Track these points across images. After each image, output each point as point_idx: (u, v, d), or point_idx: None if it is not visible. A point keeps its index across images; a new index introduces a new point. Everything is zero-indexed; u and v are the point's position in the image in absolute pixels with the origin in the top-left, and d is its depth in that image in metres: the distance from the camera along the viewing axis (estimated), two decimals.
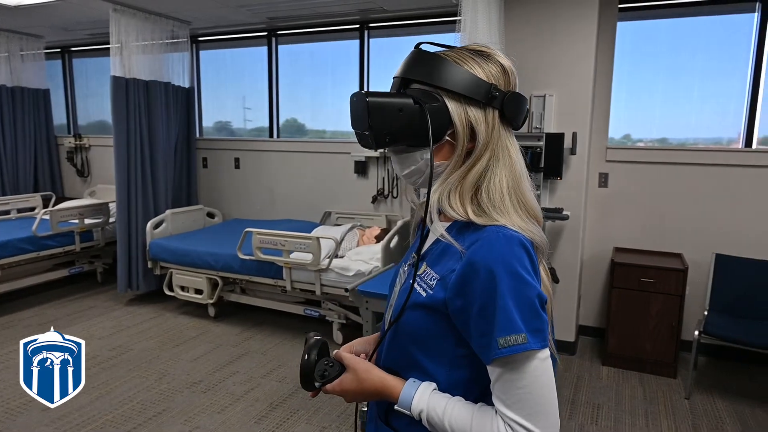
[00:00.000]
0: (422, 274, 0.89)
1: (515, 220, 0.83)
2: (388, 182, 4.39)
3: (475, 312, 0.79)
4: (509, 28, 3.36)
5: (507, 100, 0.85)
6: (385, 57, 4.67)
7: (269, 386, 3.10)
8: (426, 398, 0.84)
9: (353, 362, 0.91)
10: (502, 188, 0.84)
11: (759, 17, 3.47)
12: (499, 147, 0.86)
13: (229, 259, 3.86)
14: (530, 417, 0.76)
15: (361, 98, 0.84)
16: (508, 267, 0.77)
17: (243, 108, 5.46)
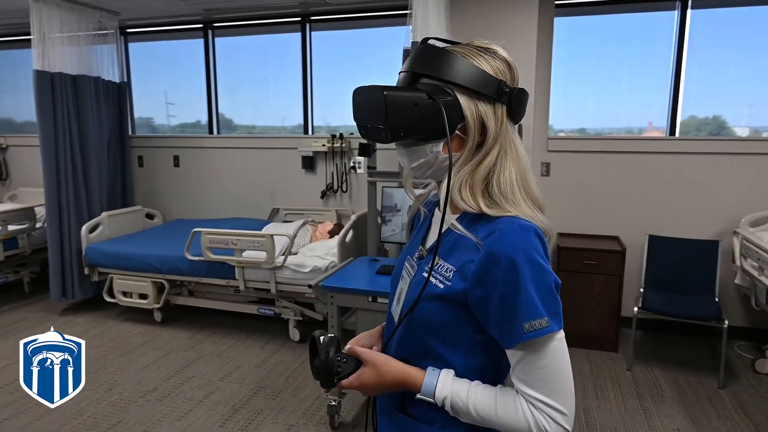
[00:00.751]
0: (436, 266, 0.91)
1: (525, 210, 0.86)
2: (337, 177, 4.37)
3: (496, 300, 0.82)
4: (455, 22, 3.44)
5: (515, 96, 0.89)
6: (328, 51, 4.63)
7: (229, 389, 3.03)
8: (449, 385, 0.87)
9: (371, 356, 0.93)
10: (512, 181, 0.88)
11: (679, 14, 3.76)
12: (507, 141, 0.89)
13: (176, 261, 3.71)
14: (551, 394, 0.81)
15: (378, 92, 0.84)
16: (528, 256, 0.81)
17: (166, 103, 5.25)
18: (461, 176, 0.88)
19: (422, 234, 1.04)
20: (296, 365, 3.32)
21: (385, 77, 4.51)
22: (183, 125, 5.20)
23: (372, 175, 2.99)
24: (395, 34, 4.41)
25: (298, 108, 4.69)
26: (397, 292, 1.04)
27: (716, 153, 3.61)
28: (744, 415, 2.76)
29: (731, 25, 3.77)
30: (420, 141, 0.89)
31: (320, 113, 4.69)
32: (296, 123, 4.82)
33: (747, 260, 3.12)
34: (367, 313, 2.50)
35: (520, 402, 0.83)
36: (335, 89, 4.67)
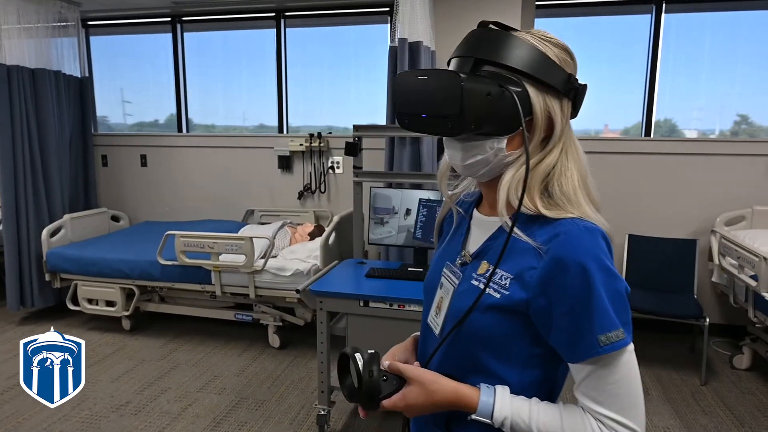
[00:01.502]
0: (486, 273, 0.84)
1: (587, 211, 0.80)
2: (315, 177, 4.25)
3: (563, 310, 0.75)
4: (438, 19, 3.38)
5: (580, 91, 0.82)
6: (304, 48, 4.51)
7: (208, 400, 2.88)
8: (508, 403, 0.79)
9: (417, 373, 0.84)
10: (574, 182, 0.81)
11: (653, 18, 3.82)
12: (569, 140, 0.83)
13: (147, 266, 3.52)
14: (623, 411, 0.75)
15: (453, 78, 0.75)
16: (599, 262, 0.74)
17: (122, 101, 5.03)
18: (519, 176, 0.80)
19: (461, 238, 0.95)
20: (278, 372, 3.20)
21: (365, 76, 4.44)
22: (140, 124, 4.99)
23: (358, 176, 2.90)
24: (375, 32, 4.33)
25: (271, 107, 4.54)
26: (435, 301, 0.95)
27: (690, 154, 3.69)
28: (728, 410, 2.81)
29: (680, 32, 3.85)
30: (480, 136, 0.80)
31: (296, 112, 4.56)
32: (257, 123, 4.69)
33: (726, 258, 3.18)
34: (358, 318, 2.41)
35: (588, 420, 0.76)
36: (312, 88, 4.55)
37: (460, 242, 0.95)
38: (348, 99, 4.55)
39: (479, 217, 0.92)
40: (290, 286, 3.30)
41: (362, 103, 4.54)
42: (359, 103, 4.54)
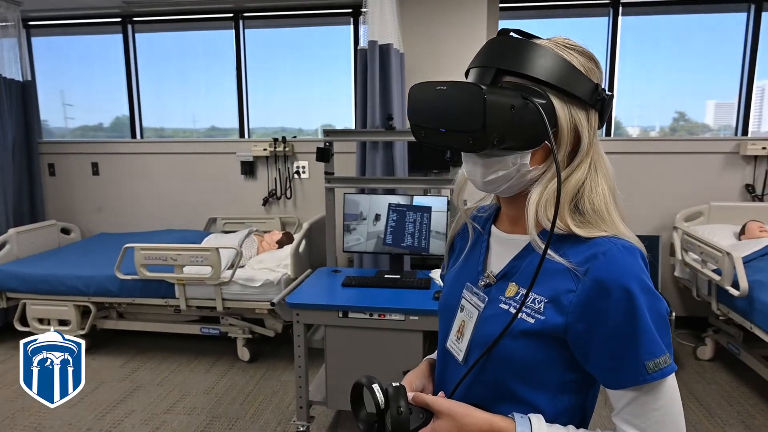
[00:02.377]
0: (516, 296, 0.79)
1: (622, 229, 0.77)
2: (281, 183, 4.13)
3: (605, 334, 0.71)
4: (405, 20, 3.34)
5: (607, 102, 0.78)
6: (264, 49, 4.38)
7: (178, 421, 2.73)
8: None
9: (447, 406, 0.78)
10: (605, 197, 0.77)
11: (611, 21, 3.91)
12: (597, 154, 0.79)
13: (104, 281, 3.32)
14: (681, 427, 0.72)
15: (475, 91, 0.70)
16: (641, 283, 0.71)
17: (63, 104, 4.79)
18: (548, 193, 0.76)
19: (480, 257, 0.90)
20: (250, 387, 3.07)
21: (328, 78, 4.35)
22: (83, 128, 4.74)
23: (330, 182, 2.82)
24: (337, 34, 4.25)
25: (230, 110, 4.40)
26: (456, 325, 0.89)
27: (650, 153, 3.80)
28: (696, 401, 2.89)
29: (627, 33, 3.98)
30: (503, 150, 0.75)
31: (257, 115, 4.43)
32: (209, 125, 4.55)
33: (688, 254, 3.28)
34: (337, 329, 2.33)
35: None
36: (273, 91, 4.43)
37: (479, 261, 0.89)
38: (310, 102, 4.46)
39: (500, 234, 0.87)
40: (260, 297, 3.18)
41: (326, 106, 4.46)
42: (323, 105, 4.46)
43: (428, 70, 3.49)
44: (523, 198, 0.79)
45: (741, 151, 3.71)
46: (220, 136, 4.53)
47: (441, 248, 2.61)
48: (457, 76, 3.28)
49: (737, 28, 3.85)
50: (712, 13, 3.93)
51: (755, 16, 3.77)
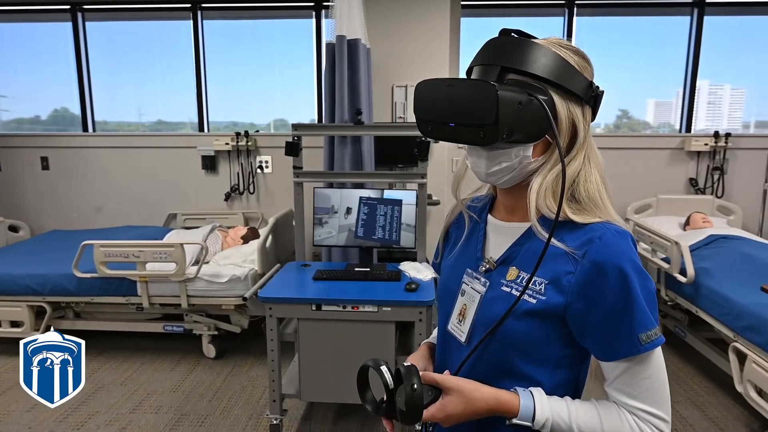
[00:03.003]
0: (517, 279, 0.85)
1: (613, 215, 0.83)
2: (243, 177, 4.08)
3: (602, 311, 0.78)
4: (370, 18, 3.36)
5: (599, 98, 0.85)
6: (223, 42, 4.31)
7: (145, 420, 2.67)
8: (548, 405, 0.81)
9: (456, 383, 0.83)
10: (599, 186, 0.84)
11: (566, 21, 4.07)
12: (590, 146, 0.86)
13: (60, 280, 3.19)
14: (654, 403, 0.79)
15: (487, 88, 0.74)
16: (634, 264, 0.78)
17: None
18: (547, 182, 0.82)
19: (478, 244, 0.95)
20: (218, 384, 3.04)
21: (293, 72, 4.33)
22: (18, 121, 4.55)
23: (299, 176, 2.82)
24: (301, 27, 4.23)
25: (189, 103, 4.31)
26: (458, 309, 0.94)
27: (603, 148, 3.96)
28: None
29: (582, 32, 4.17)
30: (507, 144, 0.81)
31: (216, 108, 4.35)
32: (155, 119, 4.45)
33: (639, 243, 3.47)
34: (311, 322, 2.35)
35: (624, 415, 0.80)
36: (232, 83, 4.37)
37: (478, 248, 0.95)
38: (263, 96, 4.42)
39: (496, 222, 0.93)
40: (227, 293, 3.14)
41: (280, 100, 4.44)
42: (277, 99, 4.44)
43: (393, 65, 3.54)
44: (521, 188, 0.85)
45: (685, 147, 3.95)
46: (168, 130, 4.43)
47: (411, 241, 2.66)
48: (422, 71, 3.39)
49: (680, 31, 4.09)
50: (658, 16, 4.15)
51: (698, 20, 4.01)
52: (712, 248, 3.16)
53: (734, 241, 3.18)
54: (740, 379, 2.44)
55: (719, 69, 4.17)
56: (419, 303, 2.28)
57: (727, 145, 3.90)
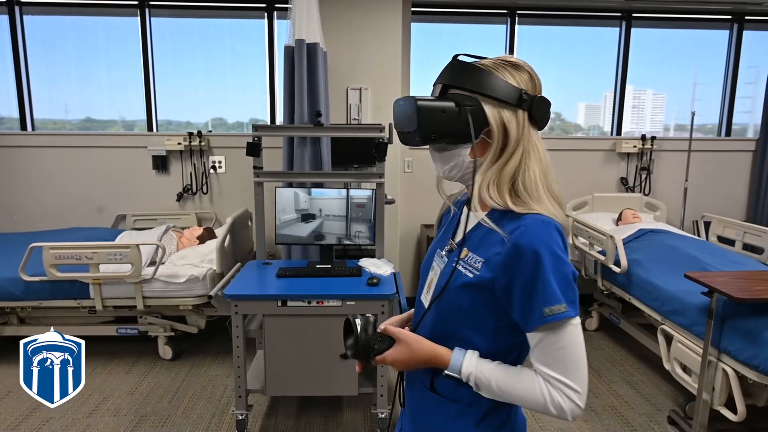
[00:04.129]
0: (465, 258, 1.00)
1: (548, 207, 0.95)
2: (196, 177, 4.05)
3: (519, 287, 0.92)
4: (325, 22, 3.44)
5: (535, 103, 0.98)
6: (171, 39, 4.25)
7: (103, 424, 2.64)
8: (474, 363, 0.96)
9: (404, 335, 1.01)
10: (536, 179, 0.96)
11: (508, 29, 4.31)
12: (529, 144, 0.97)
13: (5, 284, 3.08)
14: (566, 373, 0.89)
15: (411, 102, 0.95)
16: (549, 248, 0.90)
17: None
18: (488, 176, 0.97)
19: (452, 230, 1.12)
20: (177, 385, 3.04)
21: (243, 72, 4.33)
22: None
23: (259, 176, 2.87)
24: (257, 28, 4.24)
25: (136, 101, 4.22)
26: (428, 281, 1.11)
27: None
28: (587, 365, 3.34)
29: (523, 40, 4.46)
30: (450, 146, 0.98)
31: (163, 107, 4.29)
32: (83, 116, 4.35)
33: (578, 238, 3.75)
34: (276, 318, 2.41)
35: (538, 380, 0.92)
36: (180, 82, 4.32)
37: (450, 233, 1.11)
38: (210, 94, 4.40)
39: (467, 213, 1.08)
40: (184, 293, 3.14)
41: (238, 99, 4.44)
42: (236, 98, 4.43)
43: (347, 68, 3.63)
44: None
45: (617, 149, 4.29)
46: (98, 129, 4.33)
47: (369, 238, 2.77)
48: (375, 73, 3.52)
49: (609, 40, 4.43)
50: (591, 26, 4.48)
51: (626, 31, 4.36)
52: (641, 241, 3.46)
53: (660, 235, 3.50)
54: (668, 358, 2.71)
55: (642, 75, 4.54)
56: (381, 296, 2.40)
57: (652, 147, 4.26)
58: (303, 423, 2.69)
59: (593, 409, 2.82)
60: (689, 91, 4.66)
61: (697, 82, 4.64)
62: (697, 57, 4.59)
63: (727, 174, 4.45)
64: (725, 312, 2.30)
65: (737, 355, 2.25)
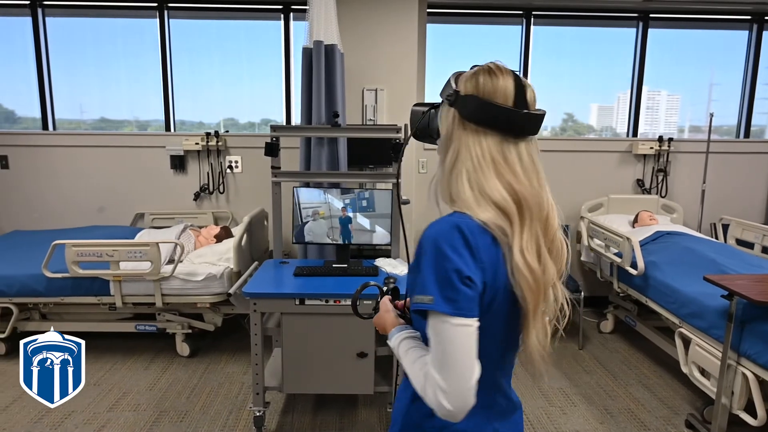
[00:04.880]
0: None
1: (472, 207, 0.93)
2: (213, 177, 4.10)
3: (410, 275, 1.00)
4: (342, 23, 3.47)
5: (459, 100, 0.97)
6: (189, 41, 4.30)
7: (124, 419, 2.69)
8: (398, 339, 1.03)
9: (383, 305, 1.16)
10: (462, 181, 0.95)
11: (524, 29, 4.30)
12: (461, 143, 0.96)
13: (28, 281, 3.14)
14: (438, 367, 0.87)
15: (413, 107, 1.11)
16: (435, 243, 0.90)
17: None
18: (437, 175, 1.03)
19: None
20: (194, 381, 3.08)
21: (258, 73, 4.37)
22: None
23: (277, 176, 2.90)
24: (270, 29, 4.28)
25: (152, 102, 4.28)
26: None
27: (559, 151, 4.24)
28: (602, 368, 3.33)
29: (538, 40, 4.45)
30: (434, 144, 1.08)
31: (181, 108, 4.34)
32: (99, 116, 4.41)
33: (594, 240, 3.74)
34: (294, 316, 2.44)
35: (426, 366, 0.91)
36: (197, 83, 4.37)
37: None
38: (234, 95, 4.45)
39: None
40: (202, 291, 3.18)
41: (251, 100, 4.48)
42: (249, 99, 4.48)
43: (363, 69, 3.66)
44: None
45: (633, 150, 4.26)
46: (112, 129, 4.39)
47: (386, 238, 2.79)
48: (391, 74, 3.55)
49: (626, 41, 4.40)
50: (607, 27, 4.45)
51: (643, 31, 4.33)
52: (658, 243, 3.45)
53: (678, 237, 3.48)
54: (685, 361, 2.70)
55: (657, 76, 4.51)
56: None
57: (669, 148, 4.23)
58: (319, 421, 2.71)
59: (609, 412, 2.81)
60: (704, 92, 4.62)
61: (713, 82, 4.60)
62: (712, 57, 4.55)
63: (745, 176, 4.40)
64: (745, 315, 2.29)
65: (757, 359, 2.23)
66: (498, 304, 0.93)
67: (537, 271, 0.93)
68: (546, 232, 0.97)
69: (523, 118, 0.95)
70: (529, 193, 0.95)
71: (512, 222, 0.93)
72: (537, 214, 0.96)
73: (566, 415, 2.78)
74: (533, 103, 0.98)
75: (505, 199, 0.94)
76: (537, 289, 0.93)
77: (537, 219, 0.96)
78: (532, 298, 0.93)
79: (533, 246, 0.94)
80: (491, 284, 0.92)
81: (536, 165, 0.99)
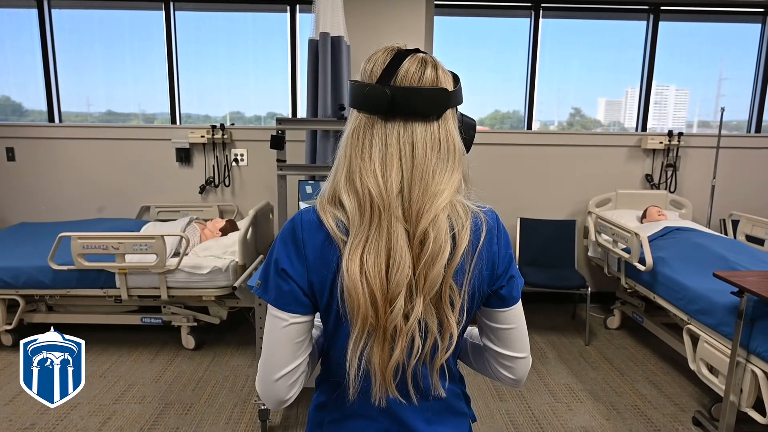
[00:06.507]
0: None
1: (322, 201, 0.88)
2: (219, 170, 4.09)
3: None
4: (349, 15, 3.44)
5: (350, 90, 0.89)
6: (195, 33, 4.29)
7: (129, 410, 2.69)
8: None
9: None
10: (330, 172, 0.91)
11: (532, 22, 4.26)
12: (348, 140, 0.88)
13: (35, 273, 3.15)
14: (263, 351, 0.91)
15: None
16: (277, 239, 0.90)
17: None
18: None
19: None
20: (200, 374, 3.08)
21: (264, 66, 4.35)
22: None
23: (282, 169, 2.89)
24: (276, 21, 4.25)
25: (158, 94, 4.27)
26: None
27: (566, 145, 4.20)
28: (609, 364, 3.31)
29: (546, 33, 4.39)
30: None
31: (187, 100, 4.33)
32: (105, 109, 4.40)
33: (601, 235, 3.71)
34: None
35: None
36: (202, 75, 4.35)
37: None
38: (240, 88, 4.43)
39: None
40: (207, 284, 3.18)
41: (257, 93, 4.46)
42: (255, 92, 4.46)
43: None
44: None
45: (642, 145, 4.21)
46: (118, 122, 4.38)
47: None
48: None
49: (635, 34, 4.35)
50: (617, 20, 4.40)
51: (653, 23, 4.27)
52: (667, 239, 3.41)
53: (686, 233, 3.44)
54: (693, 358, 2.67)
55: (665, 70, 4.45)
56: None
57: (679, 143, 4.18)
58: None
59: (615, 408, 2.79)
60: (713, 87, 4.55)
61: (723, 77, 4.54)
62: (722, 52, 4.48)
63: (756, 171, 4.35)
64: (755, 312, 2.26)
65: (767, 357, 2.20)
66: (345, 310, 0.83)
67: (371, 279, 0.80)
68: (414, 233, 0.82)
69: (382, 92, 0.81)
70: (385, 185, 0.81)
71: (354, 220, 0.82)
72: (395, 211, 0.81)
73: (572, 411, 2.76)
74: (410, 79, 0.82)
75: (356, 192, 0.82)
76: (364, 302, 0.80)
77: (395, 217, 0.81)
78: (355, 313, 0.80)
79: (379, 250, 0.81)
80: (320, 284, 0.84)
81: (415, 150, 0.82)
